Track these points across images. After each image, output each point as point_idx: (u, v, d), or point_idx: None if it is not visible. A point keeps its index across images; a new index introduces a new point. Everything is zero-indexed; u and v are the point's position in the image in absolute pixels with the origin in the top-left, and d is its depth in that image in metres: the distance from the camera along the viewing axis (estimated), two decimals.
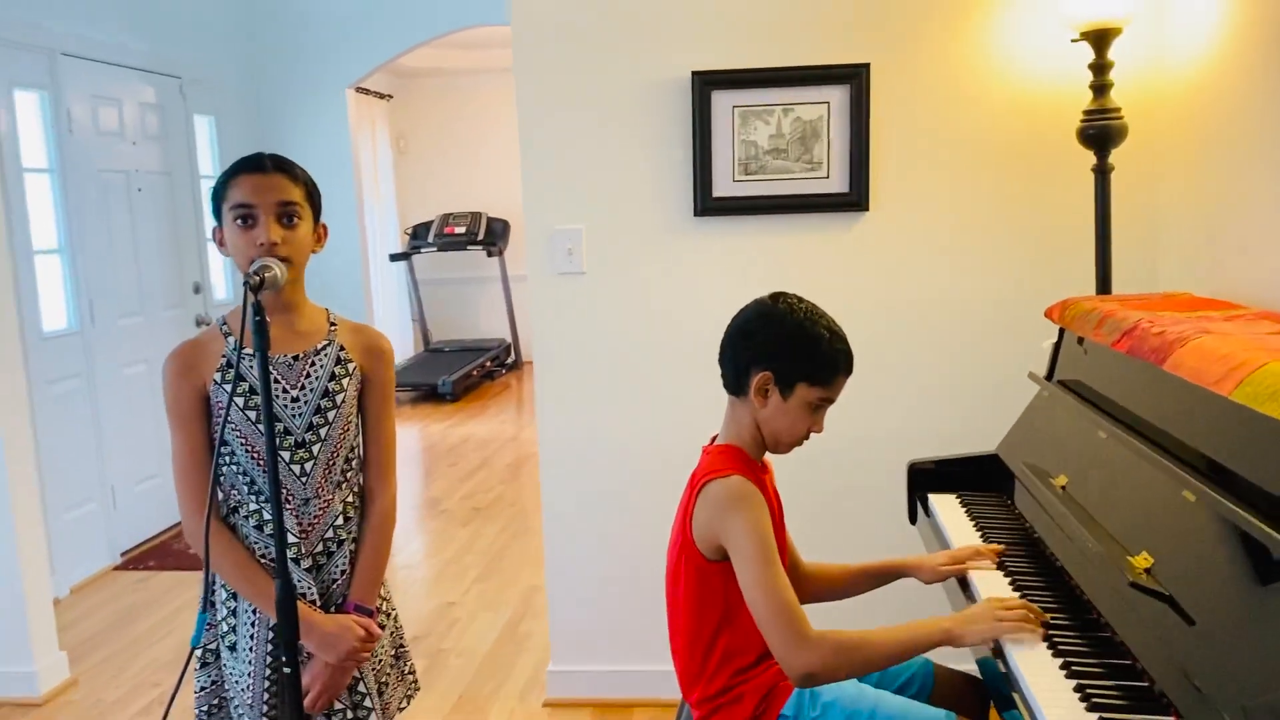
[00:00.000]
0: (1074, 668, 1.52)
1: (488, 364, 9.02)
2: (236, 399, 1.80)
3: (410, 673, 2.08)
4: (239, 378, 1.81)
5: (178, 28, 5.31)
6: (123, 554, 4.67)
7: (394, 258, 9.03)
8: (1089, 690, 1.45)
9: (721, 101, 2.82)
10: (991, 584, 1.88)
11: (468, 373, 8.52)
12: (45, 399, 4.17)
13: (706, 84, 2.81)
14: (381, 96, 9.00)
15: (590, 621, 3.11)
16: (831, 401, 1.77)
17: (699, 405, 2.96)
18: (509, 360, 9.49)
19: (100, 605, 4.15)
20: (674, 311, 2.95)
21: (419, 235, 9.16)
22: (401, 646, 2.06)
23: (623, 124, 2.90)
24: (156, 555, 4.69)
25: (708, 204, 2.87)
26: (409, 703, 2.08)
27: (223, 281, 5.71)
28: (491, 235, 9.09)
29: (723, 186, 2.86)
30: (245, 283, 1.63)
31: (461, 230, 9.03)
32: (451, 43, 7.33)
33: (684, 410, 2.97)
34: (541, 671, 3.32)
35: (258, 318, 1.56)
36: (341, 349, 1.92)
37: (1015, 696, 1.51)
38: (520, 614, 3.89)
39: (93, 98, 4.61)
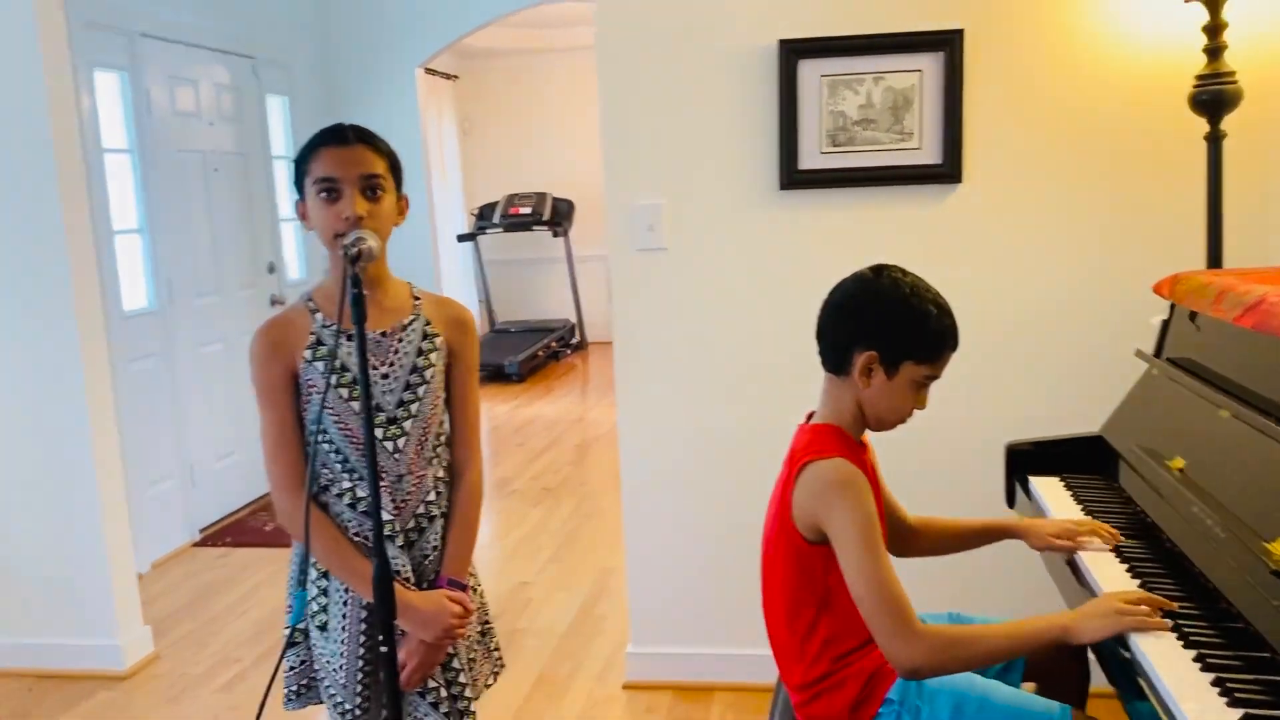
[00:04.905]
0: (1209, 660, 1.43)
1: (553, 344, 9.02)
2: (327, 376, 1.78)
3: (495, 649, 2.05)
4: (330, 355, 1.78)
5: (251, 8, 5.33)
6: (201, 531, 4.73)
7: (461, 238, 9.05)
8: (1229, 684, 1.36)
9: (809, 71, 2.74)
10: (1106, 569, 1.79)
11: (533, 353, 8.52)
12: (125, 377, 4.22)
13: (794, 53, 2.73)
14: (448, 77, 9.01)
15: (670, 603, 3.06)
16: (936, 378, 1.70)
17: (782, 384, 2.89)
18: (574, 341, 9.48)
19: (180, 581, 4.20)
20: (757, 287, 2.88)
21: (484, 216, 9.16)
22: (487, 623, 2.04)
23: (705, 96, 2.83)
24: (234, 532, 4.75)
25: (793, 177, 2.78)
26: (495, 679, 2.05)
27: (295, 261, 5.75)
28: (557, 215, 9.07)
29: (809, 158, 2.77)
30: (343, 254, 1.60)
31: (527, 210, 9.01)
32: (518, 22, 7.30)
33: (767, 390, 2.91)
34: (618, 653, 3.29)
35: (355, 290, 1.53)
36: (427, 323, 1.89)
37: (1145, 687, 1.43)
38: (595, 595, 3.86)
39: (170, 78, 4.65)
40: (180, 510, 4.62)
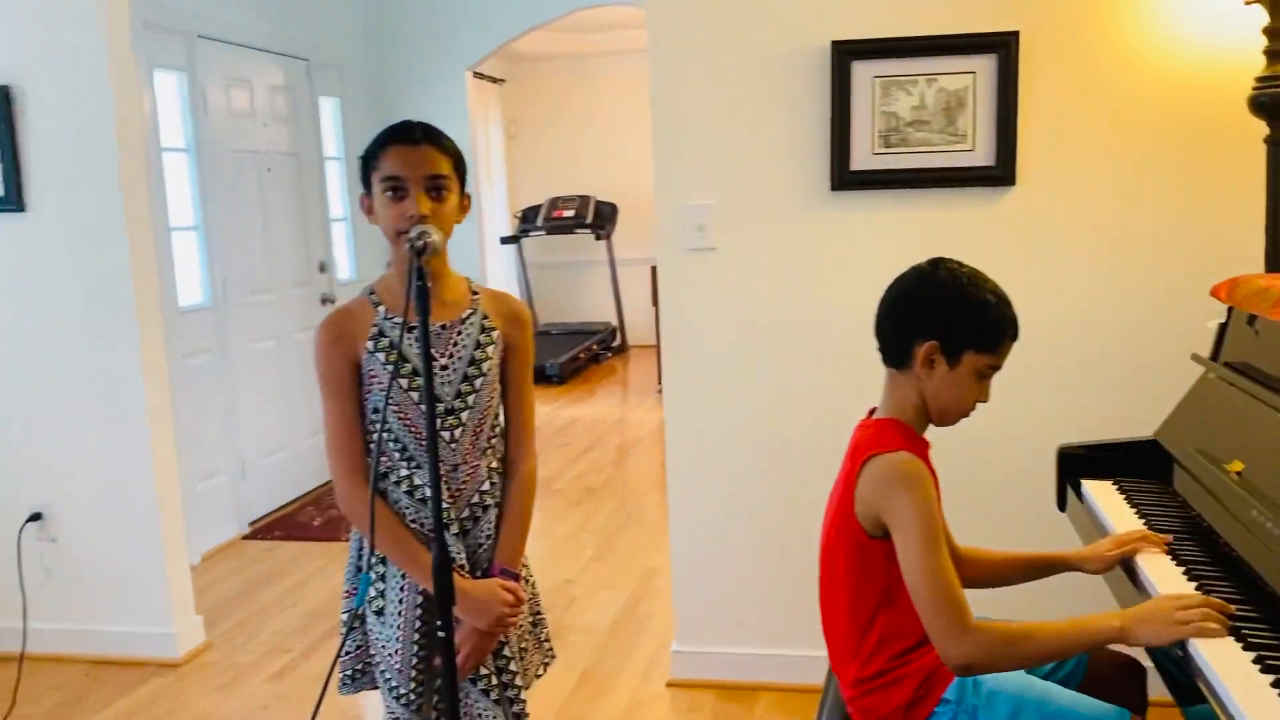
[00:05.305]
0: (1269, 662, 1.42)
1: (594, 347, 9.06)
2: (388, 366, 1.81)
3: (546, 640, 2.07)
4: (391, 346, 1.82)
5: (305, 11, 5.42)
6: (251, 524, 4.81)
7: (504, 240, 9.11)
8: None
9: (862, 72, 2.74)
10: (1163, 572, 1.78)
11: (575, 355, 8.56)
12: (180, 372, 4.30)
13: (847, 54, 2.74)
14: (495, 81, 9.08)
15: (715, 603, 3.07)
16: (998, 369, 1.70)
17: (831, 386, 2.90)
18: (615, 344, 9.51)
19: (231, 573, 4.27)
20: (807, 287, 2.89)
21: (528, 218, 9.23)
22: (539, 614, 2.06)
23: (756, 96, 2.84)
24: (282, 526, 4.82)
25: (845, 178, 2.79)
26: (545, 670, 2.08)
27: (346, 261, 5.83)
28: (599, 218, 9.11)
29: (861, 159, 2.78)
30: (409, 248, 1.63)
31: (570, 213, 9.06)
32: (564, 26, 7.35)
33: (816, 390, 2.91)
34: (663, 652, 3.30)
35: (420, 282, 1.56)
36: (485, 317, 1.92)
37: (1204, 690, 1.42)
38: (639, 594, 3.87)
39: (226, 79, 4.74)
40: (231, 504, 4.70)
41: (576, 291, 10.00)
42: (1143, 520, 2.04)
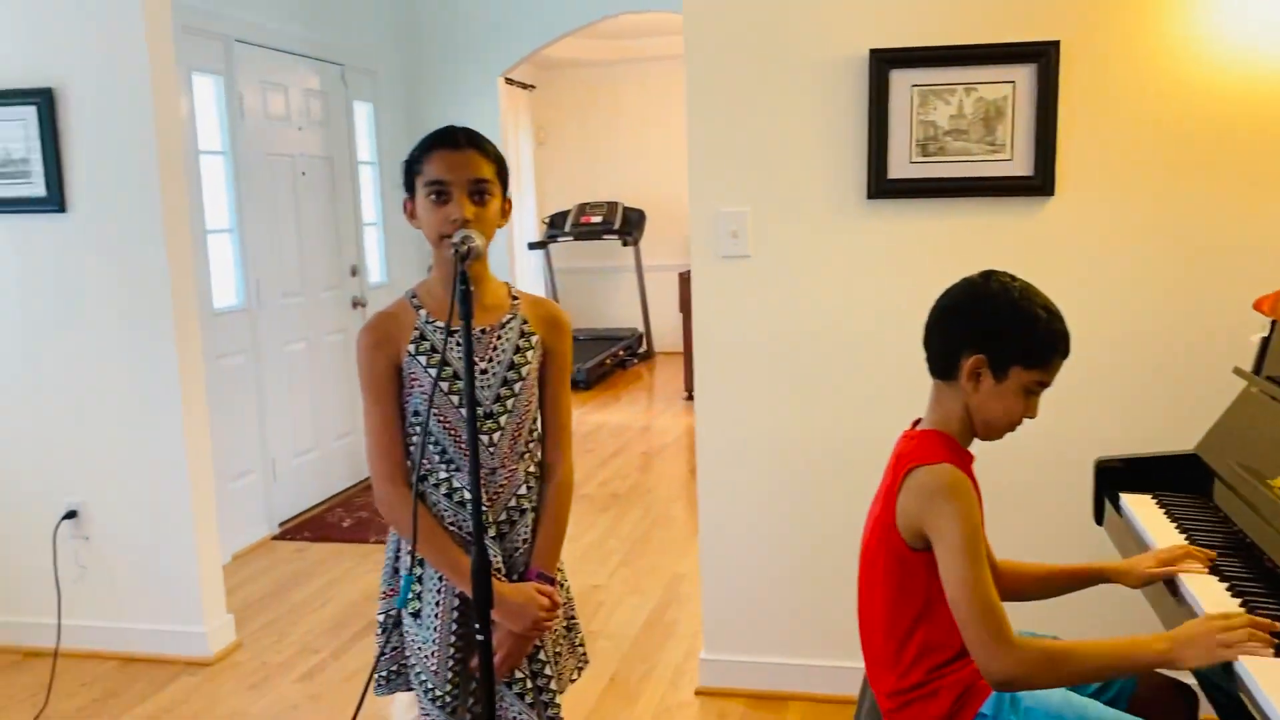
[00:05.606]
0: None
1: (620, 353, 9.06)
2: (429, 370, 1.82)
3: (580, 645, 2.08)
4: (432, 349, 1.83)
5: (340, 16, 5.47)
6: (280, 524, 4.84)
7: (532, 246, 9.14)
8: None
9: (900, 80, 2.73)
10: (1206, 588, 1.76)
11: (601, 361, 8.57)
12: (214, 372, 4.34)
13: (885, 62, 2.73)
14: (525, 87, 9.13)
15: (744, 612, 3.06)
16: (1047, 385, 1.69)
17: (865, 395, 2.89)
18: (641, 350, 9.52)
19: (260, 573, 4.30)
20: (842, 294, 2.88)
21: (556, 224, 9.25)
22: (573, 619, 2.06)
23: (793, 103, 2.84)
24: (311, 527, 4.84)
25: (882, 186, 2.78)
26: (579, 675, 2.08)
27: (377, 265, 5.86)
28: (627, 225, 9.12)
29: (898, 168, 2.77)
30: (454, 252, 1.64)
31: (598, 219, 9.08)
32: (594, 32, 7.37)
33: (850, 400, 2.90)
34: (690, 659, 3.30)
35: (464, 286, 1.57)
36: (524, 322, 1.93)
37: (1250, 707, 1.41)
38: (666, 601, 3.87)
39: (262, 83, 4.78)
40: (261, 504, 4.73)
41: (603, 297, 10.02)
42: (1184, 535, 2.02)
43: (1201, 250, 2.70)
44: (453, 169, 1.81)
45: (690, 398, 7.75)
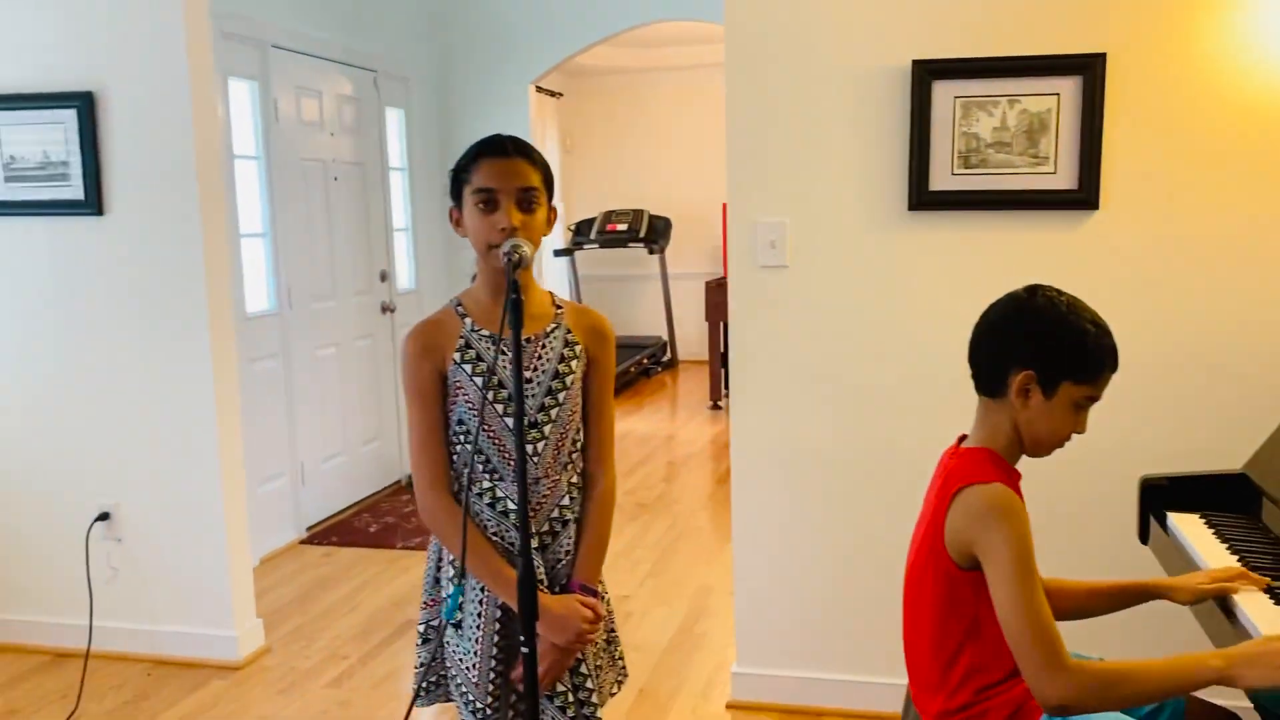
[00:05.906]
0: None
1: (645, 361, 9.05)
2: (475, 379, 1.81)
3: (620, 659, 2.06)
4: (478, 358, 1.82)
5: (374, 23, 5.49)
6: (308, 529, 4.84)
7: (558, 253, 9.15)
8: None
9: (942, 92, 2.71)
10: (1261, 609, 1.72)
11: (625, 369, 8.55)
12: (246, 376, 4.35)
13: (928, 73, 2.71)
14: (553, 94, 9.14)
15: (778, 624, 3.04)
16: (1096, 400, 1.66)
17: (903, 408, 2.86)
18: (665, 358, 9.50)
19: (289, 577, 4.31)
20: (882, 306, 2.86)
21: (582, 231, 9.25)
22: (613, 632, 2.05)
23: (834, 114, 2.82)
24: (339, 532, 4.85)
25: (923, 198, 2.76)
26: (619, 688, 2.06)
27: (406, 271, 5.87)
28: (653, 233, 9.11)
29: (940, 180, 2.74)
30: (505, 261, 1.64)
31: (623, 227, 9.07)
32: (623, 41, 7.37)
33: (887, 413, 2.88)
34: (720, 672, 3.28)
35: (515, 295, 1.56)
36: (569, 331, 1.92)
37: None
38: (695, 613, 3.85)
39: (296, 89, 4.80)
40: (289, 508, 4.74)
41: (628, 305, 10.01)
42: (1236, 556, 1.99)
43: (1247, 264, 2.66)
44: (501, 177, 1.80)
45: (716, 407, 7.73)
